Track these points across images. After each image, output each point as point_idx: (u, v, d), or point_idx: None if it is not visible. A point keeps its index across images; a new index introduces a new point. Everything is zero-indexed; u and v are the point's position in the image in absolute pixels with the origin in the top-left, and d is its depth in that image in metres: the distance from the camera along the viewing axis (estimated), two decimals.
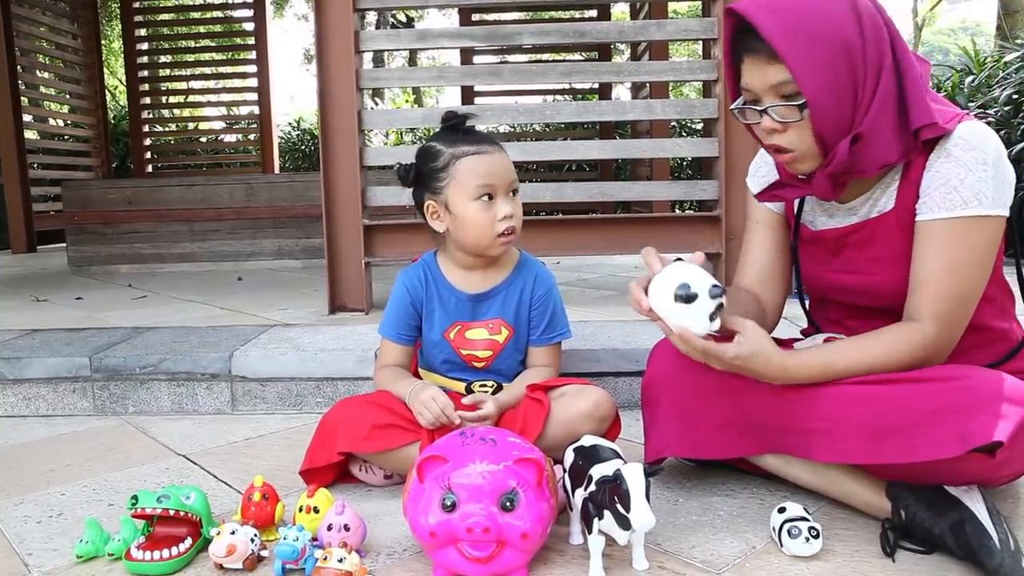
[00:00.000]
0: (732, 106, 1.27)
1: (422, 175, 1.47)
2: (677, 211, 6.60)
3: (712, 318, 1.15)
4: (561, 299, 1.59)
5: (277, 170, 7.21)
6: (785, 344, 1.39)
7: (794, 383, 1.22)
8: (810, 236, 1.37)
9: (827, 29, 1.12)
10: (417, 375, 1.58)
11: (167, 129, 7.60)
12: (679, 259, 1.20)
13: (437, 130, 1.52)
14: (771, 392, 1.25)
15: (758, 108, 1.20)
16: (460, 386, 1.55)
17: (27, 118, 5.89)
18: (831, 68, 1.13)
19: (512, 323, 1.53)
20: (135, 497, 1.16)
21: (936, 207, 1.18)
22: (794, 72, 1.13)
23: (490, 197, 1.42)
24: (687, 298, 1.13)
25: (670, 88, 6.00)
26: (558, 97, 7.01)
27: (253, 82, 7.18)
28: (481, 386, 1.55)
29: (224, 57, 7.39)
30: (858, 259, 1.30)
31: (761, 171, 1.46)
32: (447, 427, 1.38)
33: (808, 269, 1.41)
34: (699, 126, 6.86)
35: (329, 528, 1.16)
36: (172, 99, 7.57)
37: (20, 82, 5.69)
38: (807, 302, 1.50)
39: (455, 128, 1.48)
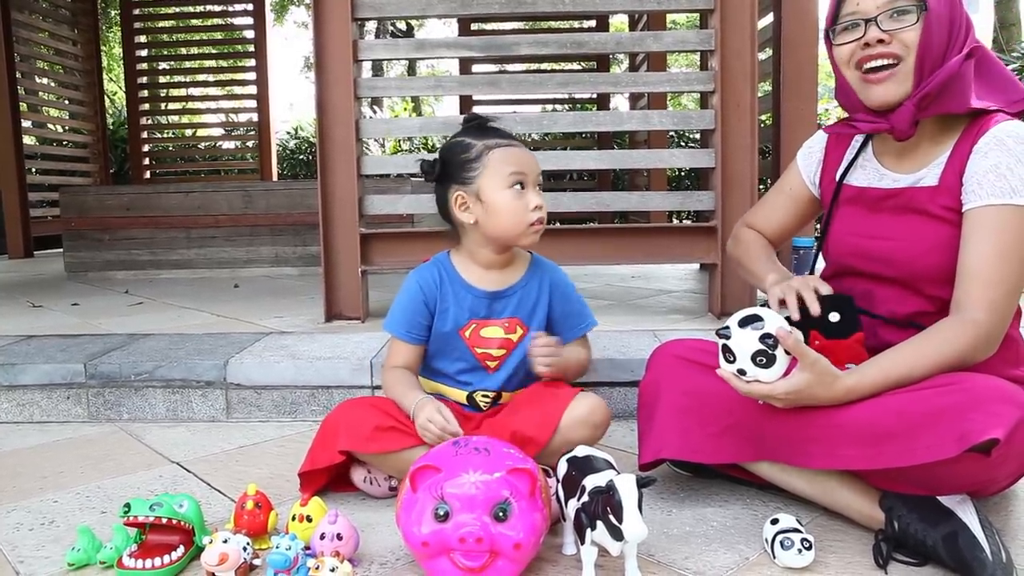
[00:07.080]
0: (827, 27, 1.31)
1: (450, 168, 1.47)
2: (674, 221, 6.61)
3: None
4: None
5: (275, 177, 7.21)
6: None
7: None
8: (853, 193, 1.39)
9: None
10: None
11: (166, 136, 7.60)
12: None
13: (459, 130, 1.53)
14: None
15: (864, 18, 1.24)
16: (461, 395, 1.55)
17: (26, 123, 5.91)
18: None
19: (527, 322, 1.53)
20: (128, 505, 1.16)
21: (986, 194, 1.19)
22: None
23: (522, 186, 1.43)
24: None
25: (668, 98, 6.01)
26: (556, 107, 7.01)
27: (252, 89, 7.19)
28: (483, 395, 1.55)
29: (224, 64, 7.40)
30: (889, 224, 1.32)
31: (814, 149, 1.51)
32: None
33: (838, 228, 1.41)
34: (697, 136, 6.88)
35: (322, 537, 1.16)
36: (171, 106, 7.56)
37: (19, 87, 5.70)
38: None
39: (479, 127, 1.50)
